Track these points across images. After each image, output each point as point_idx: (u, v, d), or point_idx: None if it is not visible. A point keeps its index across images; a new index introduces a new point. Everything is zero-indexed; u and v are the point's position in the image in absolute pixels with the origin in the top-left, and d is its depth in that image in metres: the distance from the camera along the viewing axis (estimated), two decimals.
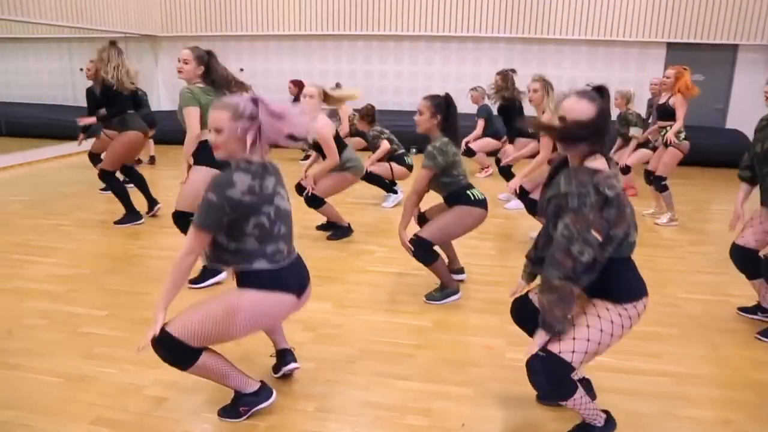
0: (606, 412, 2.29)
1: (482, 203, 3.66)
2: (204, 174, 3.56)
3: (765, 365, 3.03)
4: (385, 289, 3.87)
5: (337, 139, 4.83)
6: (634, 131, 6.58)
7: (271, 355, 2.73)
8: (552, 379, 2.01)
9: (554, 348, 2.02)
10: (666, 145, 5.72)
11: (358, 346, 3.06)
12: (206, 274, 3.81)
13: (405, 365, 2.87)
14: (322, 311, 3.46)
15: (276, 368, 2.70)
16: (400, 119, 9.35)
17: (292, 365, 2.67)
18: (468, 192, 3.63)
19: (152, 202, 5.55)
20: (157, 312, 2.14)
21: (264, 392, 2.41)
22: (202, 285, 3.78)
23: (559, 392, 2.07)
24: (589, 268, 1.94)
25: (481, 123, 8.03)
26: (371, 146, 6.45)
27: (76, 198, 6.30)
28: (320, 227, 5.12)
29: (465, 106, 10.18)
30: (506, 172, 6.38)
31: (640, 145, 6.55)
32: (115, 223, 5.24)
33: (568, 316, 2.01)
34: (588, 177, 1.94)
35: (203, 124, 3.67)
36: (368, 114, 6.53)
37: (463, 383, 2.70)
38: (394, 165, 6.24)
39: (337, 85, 8.46)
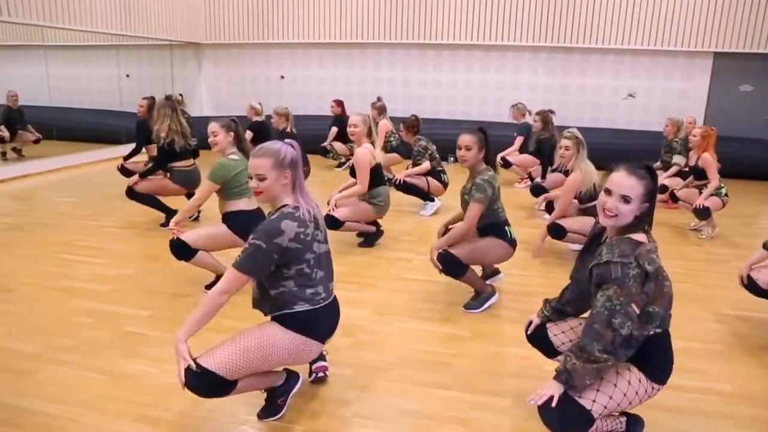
0: (628, 416, 2.26)
1: (514, 243, 3.70)
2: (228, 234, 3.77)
3: None
4: (422, 297, 3.86)
5: (377, 172, 4.83)
6: (677, 159, 6.70)
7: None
8: (566, 421, 1.98)
9: (575, 393, 2.00)
10: (695, 210, 5.64)
11: (395, 353, 3.06)
12: None
13: (442, 374, 2.86)
14: (360, 317, 3.48)
15: (310, 373, 2.73)
16: (438, 128, 9.38)
17: (321, 363, 2.71)
18: (506, 228, 3.67)
19: (169, 212, 5.47)
20: (179, 343, 2.15)
21: (292, 379, 2.48)
22: None
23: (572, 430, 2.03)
24: (626, 341, 1.95)
25: (519, 140, 7.99)
26: (414, 159, 6.50)
27: (121, 200, 6.48)
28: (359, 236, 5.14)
29: (495, 114, 10.19)
30: (537, 191, 6.34)
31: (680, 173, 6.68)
32: (162, 225, 5.37)
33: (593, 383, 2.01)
34: (630, 248, 1.95)
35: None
36: (413, 125, 6.59)
37: (501, 394, 2.67)
38: (431, 180, 6.27)
39: (378, 99, 8.53)
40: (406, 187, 6.15)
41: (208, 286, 3.87)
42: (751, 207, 7.32)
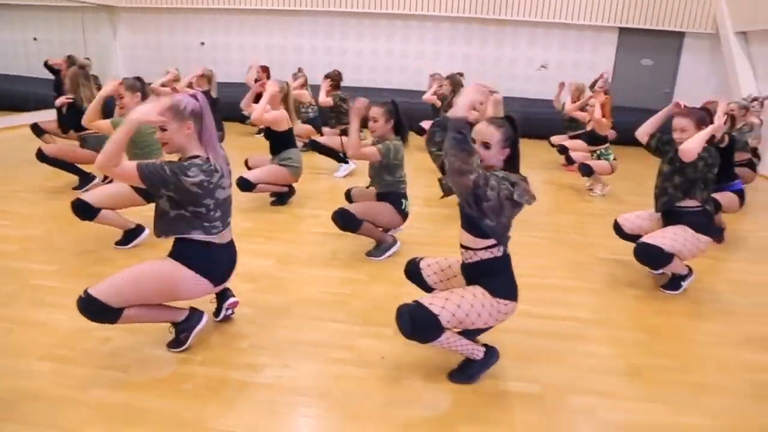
0: (486, 345, 2.56)
1: (405, 215, 4.01)
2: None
3: (661, 312, 3.38)
4: (327, 248, 4.11)
5: (288, 135, 4.97)
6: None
7: (211, 301, 2.93)
8: (416, 324, 2.27)
9: (425, 301, 2.30)
10: (579, 167, 6.29)
11: (295, 295, 3.30)
12: (129, 236, 3.99)
13: (337, 311, 3.13)
14: (264, 266, 3.69)
15: (217, 312, 2.92)
16: (358, 95, 9.54)
17: (231, 299, 2.91)
18: (402, 200, 3.95)
19: (85, 176, 5.49)
20: None
21: (195, 316, 2.67)
22: (128, 246, 3.96)
23: (422, 336, 2.30)
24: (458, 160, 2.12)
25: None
26: (335, 111, 6.73)
27: (29, 167, 6.33)
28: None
29: (415, 83, 10.46)
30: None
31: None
32: (75, 188, 5.34)
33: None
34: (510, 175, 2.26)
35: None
36: (335, 79, 6.88)
37: (388, 325, 2.94)
38: (344, 138, 6.44)
39: (299, 71, 8.61)
40: (320, 148, 6.34)
41: (118, 242, 3.96)
42: (644, 170, 7.91)
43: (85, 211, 3.76)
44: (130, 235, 3.99)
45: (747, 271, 4.23)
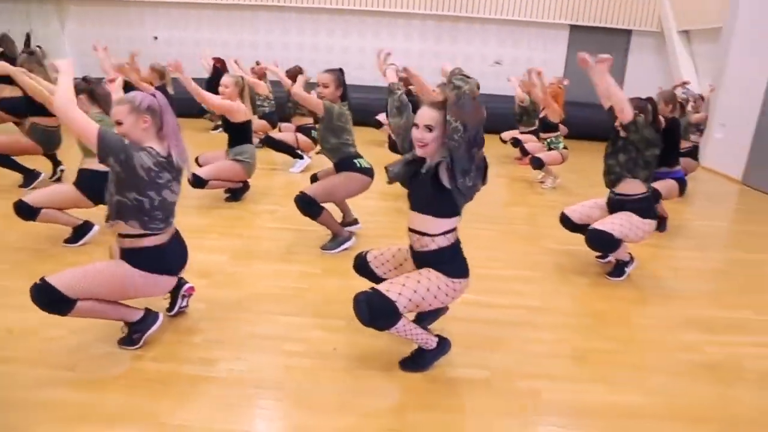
0: (440, 336, 2.63)
1: (368, 171, 4.04)
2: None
3: (606, 298, 3.53)
4: (282, 243, 4.12)
5: (245, 127, 4.96)
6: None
7: (164, 297, 2.92)
8: (374, 312, 2.32)
9: (382, 287, 2.36)
10: (530, 160, 6.50)
11: (249, 290, 3.31)
12: (78, 233, 3.93)
13: (291, 304, 3.16)
14: (218, 262, 3.68)
15: (171, 307, 2.91)
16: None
17: (187, 285, 2.93)
18: (355, 160, 4.00)
19: (29, 173, 5.31)
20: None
21: (150, 317, 2.65)
22: (77, 244, 3.90)
23: (380, 322, 2.36)
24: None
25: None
26: (293, 111, 6.75)
27: None
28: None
29: (373, 79, 10.49)
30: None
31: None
32: (21, 186, 5.19)
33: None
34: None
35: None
36: (296, 74, 6.85)
37: (340, 317, 3.00)
38: (299, 135, 6.48)
39: (257, 63, 8.55)
40: (275, 144, 6.33)
41: (67, 240, 3.89)
42: (594, 163, 8.19)
43: (26, 211, 3.68)
44: (79, 232, 3.92)
45: (686, 257, 4.45)
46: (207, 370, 2.49)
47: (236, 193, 5.13)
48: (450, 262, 2.46)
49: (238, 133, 4.92)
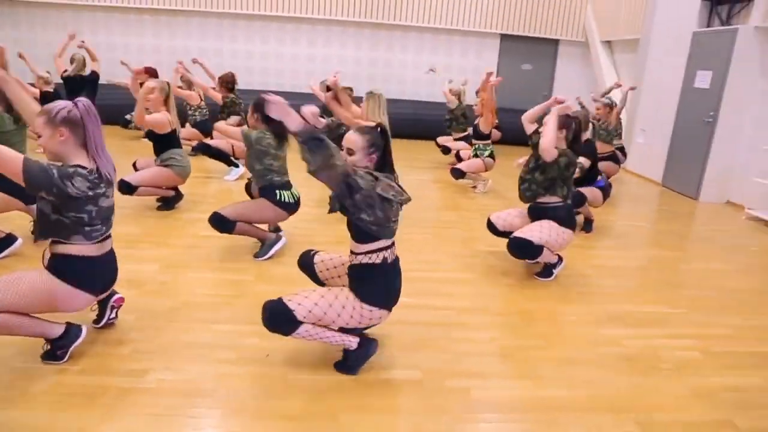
0: (363, 337, 2.67)
1: (287, 206, 4.03)
2: None
3: (534, 298, 3.68)
4: (214, 252, 4.08)
5: (170, 137, 4.86)
6: None
7: (92, 309, 2.84)
8: (273, 318, 2.41)
9: (287, 297, 2.44)
10: (451, 171, 6.71)
11: (181, 299, 3.26)
12: (1, 244, 3.76)
13: (222, 312, 3.14)
14: (149, 271, 3.60)
15: (98, 319, 2.83)
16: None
17: (116, 296, 2.86)
18: (278, 191, 3.99)
19: None
20: None
21: (72, 331, 2.57)
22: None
23: (279, 328, 2.43)
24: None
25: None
26: (227, 112, 6.66)
27: None
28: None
29: (297, 86, 10.51)
30: None
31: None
32: None
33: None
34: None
35: None
36: (228, 81, 6.84)
37: None
38: (236, 143, 6.40)
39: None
40: (210, 151, 6.24)
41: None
42: None
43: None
44: (1, 244, 3.74)
45: (610, 256, 4.68)
46: (136, 382, 2.44)
47: (168, 202, 5.02)
48: (365, 283, 2.50)
49: (162, 143, 4.82)
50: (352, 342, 2.61)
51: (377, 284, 2.51)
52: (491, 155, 6.66)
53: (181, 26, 10.57)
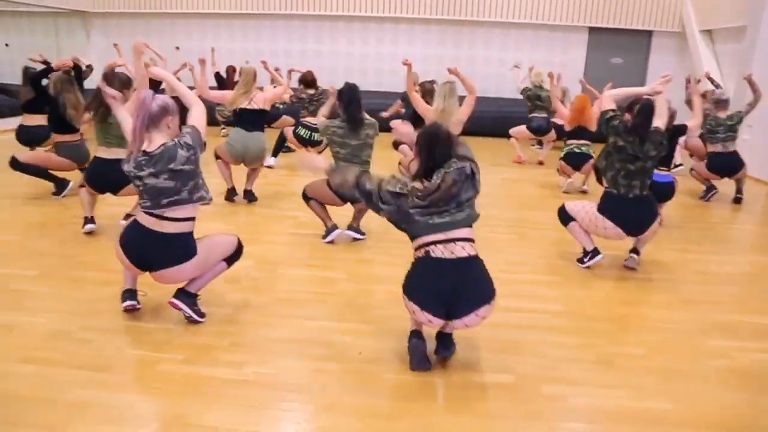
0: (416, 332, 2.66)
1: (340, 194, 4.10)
2: None
3: (629, 303, 3.52)
4: (304, 248, 4.18)
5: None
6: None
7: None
8: None
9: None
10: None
11: (274, 295, 3.36)
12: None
13: (315, 309, 3.20)
14: (243, 267, 3.70)
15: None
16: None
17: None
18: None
19: (60, 182, 5.43)
20: None
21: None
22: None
23: None
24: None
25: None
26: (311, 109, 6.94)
27: (4, 173, 6.28)
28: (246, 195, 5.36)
29: (391, 84, 10.58)
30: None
31: None
32: (54, 194, 5.32)
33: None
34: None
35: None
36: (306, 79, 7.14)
37: (365, 321, 3.04)
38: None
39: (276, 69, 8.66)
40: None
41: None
42: None
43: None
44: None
45: (712, 261, 4.39)
46: (234, 374, 2.52)
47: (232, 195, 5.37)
48: (407, 275, 2.58)
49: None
50: None
51: (411, 277, 2.55)
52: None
53: (266, 29, 10.91)
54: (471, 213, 2.53)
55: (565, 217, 4.03)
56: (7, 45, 10.11)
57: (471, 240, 2.51)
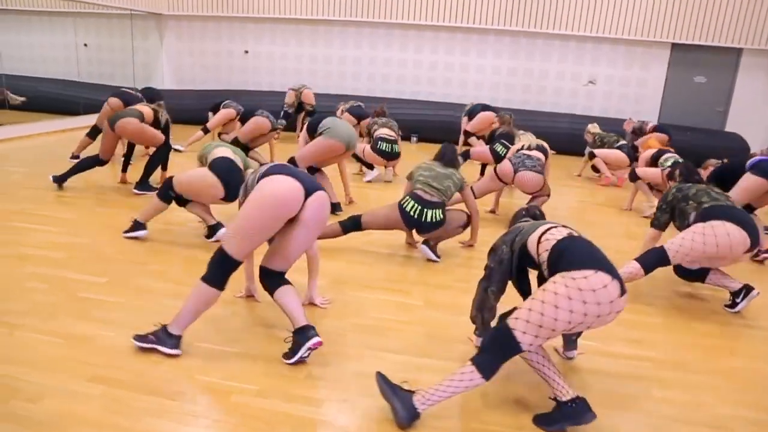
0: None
1: (407, 217, 4.06)
2: None
3: (738, 353, 3.14)
4: (379, 268, 3.96)
5: None
6: None
7: (286, 340, 2.75)
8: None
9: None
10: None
11: (350, 320, 3.15)
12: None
13: (394, 339, 2.97)
14: (318, 287, 3.54)
15: (289, 353, 2.67)
16: (402, 107, 9.53)
17: (314, 340, 2.64)
18: (404, 198, 4.14)
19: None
20: None
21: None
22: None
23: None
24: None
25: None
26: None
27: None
28: None
29: (460, 96, 10.31)
30: None
31: None
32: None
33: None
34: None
35: None
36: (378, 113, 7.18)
37: (449, 358, 2.79)
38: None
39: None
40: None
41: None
42: None
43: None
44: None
45: None
46: (314, 412, 2.32)
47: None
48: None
49: None
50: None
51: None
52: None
53: (335, 35, 10.84)
54: None
55: (685, 272, 3.82)
56: (85, 45, 10.37)
57: None
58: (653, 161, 6.15)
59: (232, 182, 3.91)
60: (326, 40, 10.88)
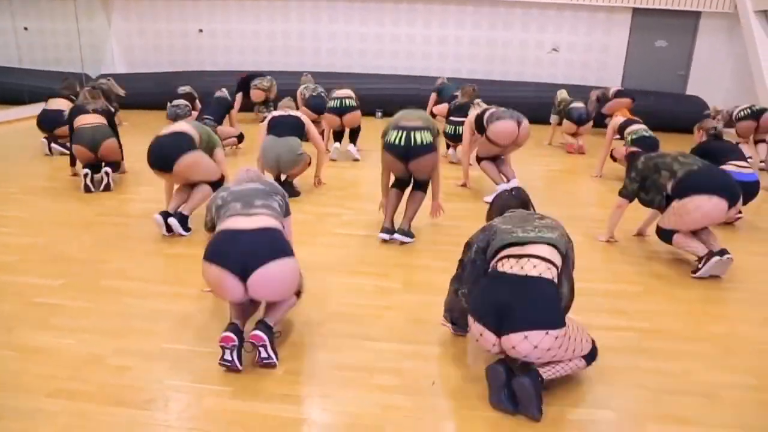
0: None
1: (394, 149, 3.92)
2: None
3: (722, 319, 3.12)
4: (352, 252, 3.82)
5: None
6: None
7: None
8: None
9: None
10: None
11: (327, 309, 3.01)
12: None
13: (373, 326, 2.84)
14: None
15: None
16: (365, 82, 9.29)
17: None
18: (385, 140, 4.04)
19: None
20: None
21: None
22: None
23: None
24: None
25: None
26: None
27: (29, 165, 6.01)
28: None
29: (423, 69, 10.12)
30: None
31: None
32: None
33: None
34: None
35: None
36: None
37: (432, 342, 2.69)
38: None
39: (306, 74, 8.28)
40: None
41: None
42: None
43: None
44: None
45: None
46: (294, 411, 2.19)
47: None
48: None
49: None
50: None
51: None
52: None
53: (292, 10, 10.48)
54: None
55: (665, 234, 3.76)
56: (26, 29, 9.76)
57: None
58: (620, 131, 6.12)
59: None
60: (284, 15, 10.51)
